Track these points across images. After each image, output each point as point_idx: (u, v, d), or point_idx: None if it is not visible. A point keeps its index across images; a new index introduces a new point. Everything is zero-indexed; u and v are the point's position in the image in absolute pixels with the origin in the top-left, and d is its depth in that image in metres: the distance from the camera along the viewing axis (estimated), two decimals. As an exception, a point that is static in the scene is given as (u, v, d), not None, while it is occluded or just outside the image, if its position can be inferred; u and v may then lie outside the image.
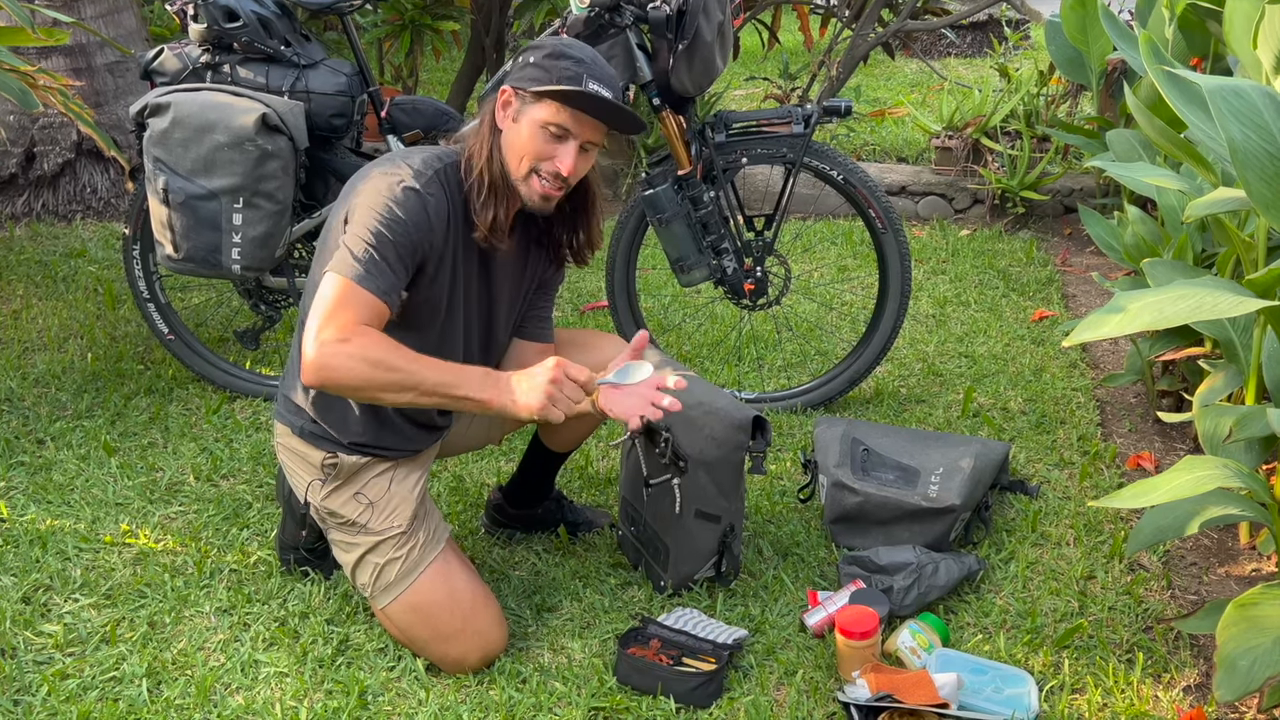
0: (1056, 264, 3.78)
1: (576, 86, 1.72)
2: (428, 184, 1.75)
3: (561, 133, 1.75)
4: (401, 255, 1.73)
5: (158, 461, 2.57)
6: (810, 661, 1.93)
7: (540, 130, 1.75)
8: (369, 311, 1.70)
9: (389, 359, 1.66)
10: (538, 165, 1.76)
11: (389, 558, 1.88)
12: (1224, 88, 1.58)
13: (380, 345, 1.67)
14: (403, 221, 1.72)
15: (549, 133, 1.75)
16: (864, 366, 2.76)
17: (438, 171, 1.78)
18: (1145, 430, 2.72)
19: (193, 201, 2.42)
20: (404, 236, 1.72)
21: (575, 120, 1.74)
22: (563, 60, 1.74)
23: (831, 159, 2.59)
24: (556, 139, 1.75)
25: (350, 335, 1.66)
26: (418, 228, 1.73)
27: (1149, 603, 2.07)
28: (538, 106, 1.74)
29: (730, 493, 2.05)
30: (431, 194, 1.75)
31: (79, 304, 3.40)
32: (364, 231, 1.71)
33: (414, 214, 1.73)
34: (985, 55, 6.57)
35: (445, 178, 1.79)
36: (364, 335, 1.67)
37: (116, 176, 4.16)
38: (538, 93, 1.73)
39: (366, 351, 1.65)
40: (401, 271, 1.74)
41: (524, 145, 1.76)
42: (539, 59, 1.75)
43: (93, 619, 2.04)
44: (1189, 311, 1.49)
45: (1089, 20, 3.57)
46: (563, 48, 1.76)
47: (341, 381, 1.67)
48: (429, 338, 1.84)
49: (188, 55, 2.52)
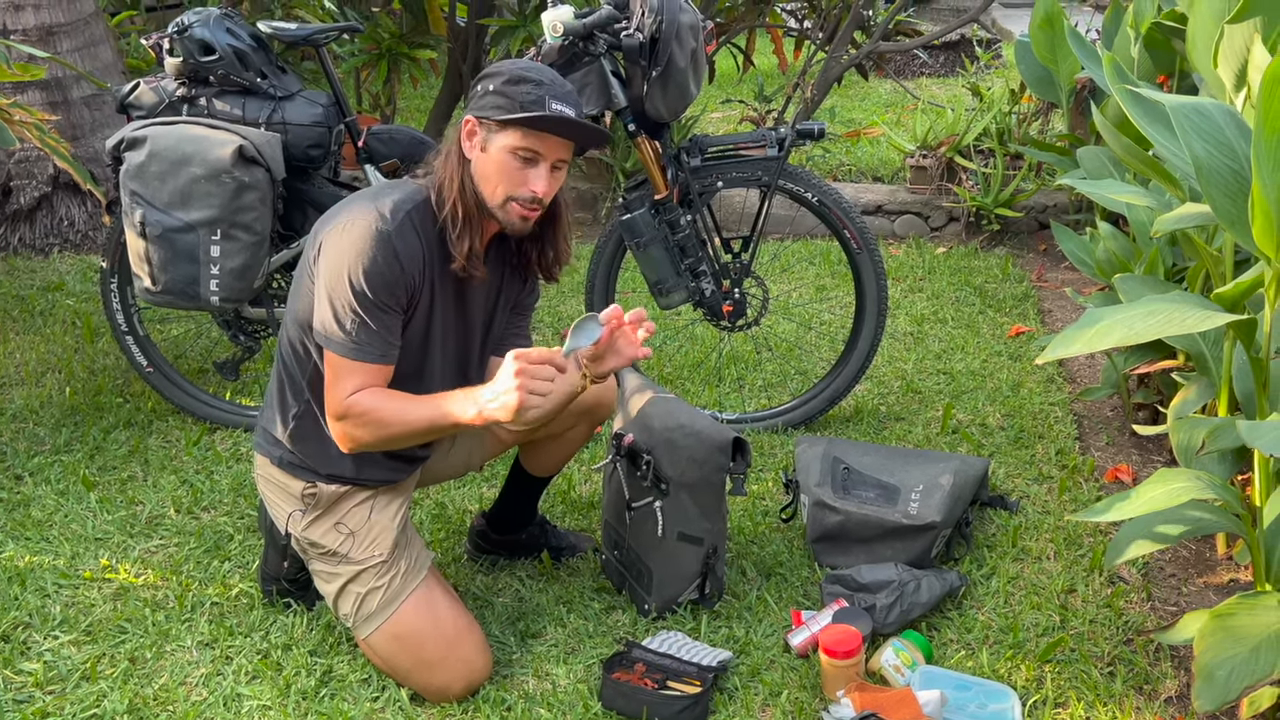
0: (1032, 280, 3.82)
1: (541, 111, 1.73)
2: (399, 229, 1.76)
3: (531, 156, 1.76)
4: (387, 306, 1.76)
5: (138, 495, 2.55)
6: (795, 682, 1.93)
7: (510, 156, 1.76)
8: (368, 378, 1.78)
9: (382, 419, 1.77)
10: (513, 191, 1.78)
11: (370, 587, 1.88)
12: (1187, 106, 1.61)
13: (370, 411, 1.77)
14: (382, 275, 1.73)
15: (519, 158, 1.76)
16: (843, 385, 2.78)
17: (408, 214, 1.78)
18: (1122, 443, 2.74)
19: (170, 234, 2.42)
20: (385, 289, 1.74)
21: (543, 142, 1.76)
22: (522, 85, 1.75)
23: (806, 181, 2.61)
24: (527, 163, 1.76)
25: (344, 412, 1.78)
26: (395, 279, 1.75)
27: (1129, 615, 2.09)
28: (504, 134, 1.75)
29: (712, 514, 2.06)
30: (403, 239, 1.76)
31: (56, 338, 3.38)
32: (347, 295, 1.73)
33: (388, 264, 1.74)
34: (958, 75, 6.65)
35: (416, 218, 1.79)
36: (356, 406, 1.77)
37: (93, 210, 4.15)
38: (503, 121, 1.74)
39: (362, 419, 1.77)
40: (394, 323, 1.78)
41: (496, 173, 1.77)
42: (499, 86, 1.75)
43: (73, 656, 2.02)
44: (1158, 327, 1.52)
45: (1057, 40, 3.63)
46: (520, 71, 1.77)
47: (362, 444, 1.81)
48: (407, 371, 1.85)
49: (164, 89, 2.53)
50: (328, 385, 1.79)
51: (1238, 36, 1.85)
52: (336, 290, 1.74)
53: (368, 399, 1.77)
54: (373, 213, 1.75)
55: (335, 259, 1.74)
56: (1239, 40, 1.85)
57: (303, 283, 1.82)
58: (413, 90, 6.26)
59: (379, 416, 1.77)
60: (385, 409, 1.77)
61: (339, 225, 1.77)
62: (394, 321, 1.78)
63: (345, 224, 1.76)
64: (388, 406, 1.77)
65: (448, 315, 1.89)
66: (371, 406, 1.77)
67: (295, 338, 1.86)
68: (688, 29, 2.40)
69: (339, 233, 1.76)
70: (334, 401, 1.78)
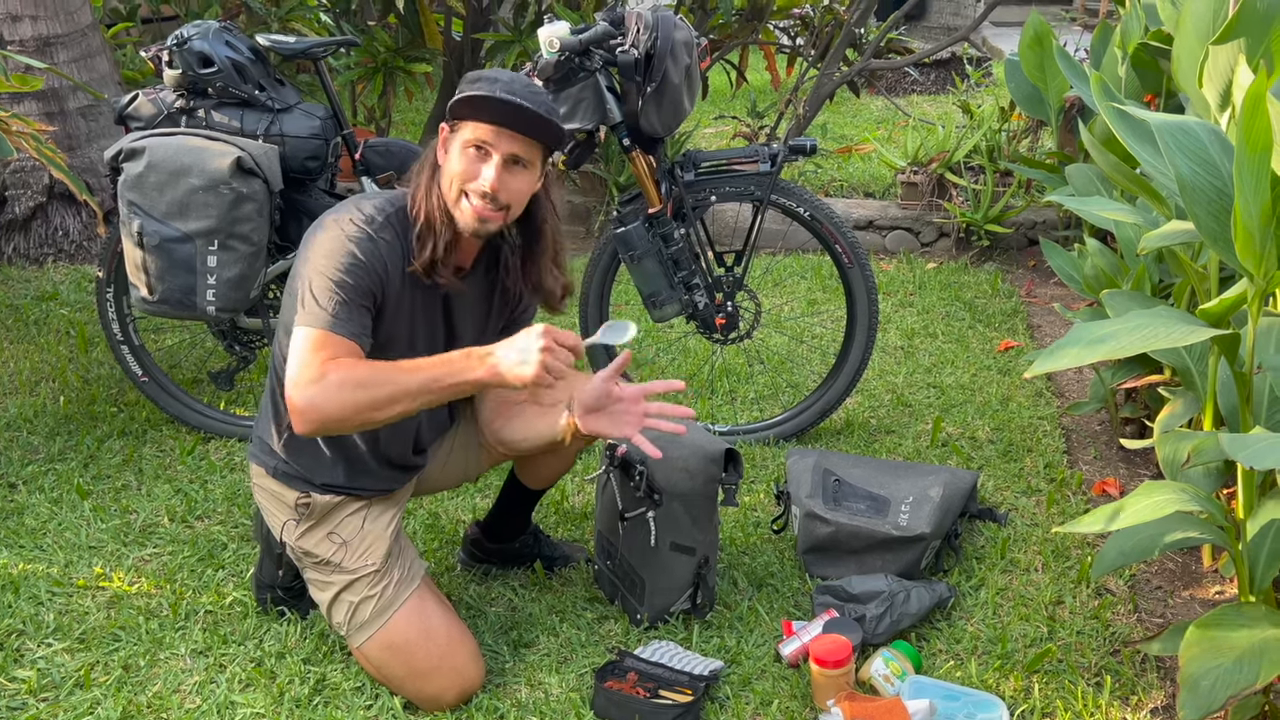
0: (1021, 295, 3.85)
1: (484, 92, 1.73)
2: (379, 228, 1.79)
3: (482, 146, 1.76)
4: (364, 296, 1.77)
5: (132, 504, 2.56)
6: (786, 691, 1.95)
7: (464, 152, 1.77)
8: (343, 352, 1.73)
9: (367, 377, 1.68)
10: (465, 186, 1.77)
11: (363, 596, 1.89)
12: (1171, 125, 1.64)
13: (354, 368, 1.69)
14: (360, 264, 1.75)
15: (471, 153, 1.77)
16: (834, 398, 2.80)
17: (389, 216, 1.81)
18: (1110, 457, 2.77)
19: (168, 244, 2.44)
20: (363, 278, 1.76)
21: (494, 134, 1.75)
22: (479, 81, 1.77)
23: (798, 196, 2.64)
24: (480, 157, 1.77)
25: (324, 372, 1.68)
26: (372, 269, 1.77)
27: (1116, 626, 2.11)
28: (461, 130, 1.77)
29: (704, 525, 2.08)
30: (384, 237, 1.79)
31: (51, 347, 3.39)
32: (326, 280, 1.74)
33: (368, 255, 1.76)
34: (948, 92, 6.70)
35: (397, 220, 1.82)
36: (337, 366, 1.69)
37: (88, 219, 4.16)
38: (455, 113, 1.76)
39: (343, 378, 1.67)
40: (366, 313, 1.78)
41: (451, 170, 1.79)
42: (463, 86, 1.77)
43: (66, 663, 2.02)
44: (1144, 341, 1.54)
45: (1046, 59, 3.67)
46: (483, 73, 1.80)
47: (330, 415, 1.68)
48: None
49: (162, 100, 2.55)
50: (298, 359, 1.70)
51: (1222, 57, 1.88)
52: (316, 273, 1.75)
53: (348, 360, 1.70)
54: (356, 213, 1.80)
55: (315, 248, 1.77)
56: (1223, 60, 1.88)
57: (292, 296, 1.83)
58: (408, 104, 6.28)
59: (361, 376, 1.67)
60: (374, 367, 1.69)
61: (323, 225, 1.80)
62: (366, 313, 1.78)
63: (329, 220, 1.80)
64: (377, 366, 1.70)
65: (434, 326, 1.91)
66: (357, 364, 1.69)
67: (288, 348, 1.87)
68: (682, 46, 2.43)
69: (322, 230, 1.79)
70: (308, 368, 1.68)
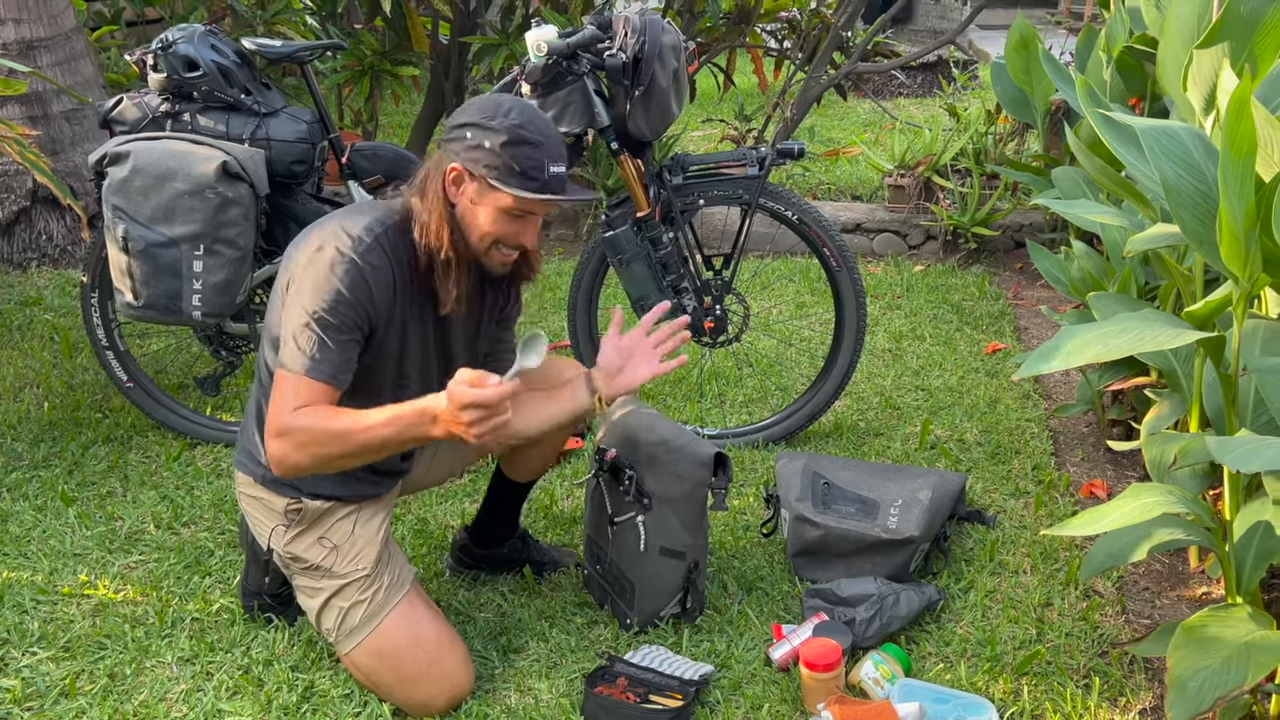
0: (1008, 298, 3.86)
1: (542, 179, 1.74)
2: (367, 251, 1.75)
3: (524, 214, 1.78)
4: (348, 330, 1.75)
5: (117, 510, 2.54)
6: (776, 695, 1.94)
7: (503, 214, 1.77)
8: (315, 397, 1.72)
9: (329, 435, 1.70)
10: (502, 241, 1.80)
11: (354, 601, 1.88)
12: (1156, 129, 1.65)
13: (319, 425, 1.69)
14: (345, 299, 1.73)
15: (512, 215, 1.77)
16: (823, 401, 2.81)
17: (378, 238, 1.77)
18: (1097, 459, 2.78)
19: (153, 249, 2.42)
20: (348, 313, 1.74)
21: (540, 204, 1.77)
22: (522, 148, 1.73)
23: (786, 200, 2.65)
24: (519, 218, 1.79)
25: (286, 428, 1.70)
26: (358, 303, 1.75)
27: (1104, 628, 2.11)
28: (499, 194, 1.75)
29: (694, 529, 2.08)
30: (371, 262, 1.75)
31: (35, 353, 3.36)
32: (306, 318, 1.72)
33: (355, 288, 1.73)
34: (935, 95, 6.73)
35: (387, 242, 1.79)
36: (298, 421, 1.70)
37: (72, 224, 4.14)
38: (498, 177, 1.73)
39: (307, 437, 1.70)
40: (351, 345, 1.76)
41: (487, 227, 1.78)
42: (495, 146, 1.72)
43: (51, 672, 2.01)
44: (1130, 344, 1.55)
45: (1032, 62, 3.69)
46: (519, 130, 1.73)
47: (300, 466, 1.73)
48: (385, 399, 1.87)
49: (147, 104, 2.54)
50: (273, 405, 1.74)
51: (1206, 61, 1.89)
52: (299, 308, 1.73)
53: (308, 416, 1.70)
54: (342, 235, 1.75)
55: (302, 278, 1.74)
56: (1208, 65, 1.89)
57: (276, 306, 1.82)
58: (395, 107, 6.27)
59: (322, 432, 1.69)
60: (336, 422, 1.69)
61: (309, 247, 1.77)
62: (351, 346, 1.76)
63: (315, 246, 1.76)
64: (338, 420, 1.69)
65: (427, 341, 1.90)
66: (317, 420, 1.69)
67: (271, 361, 1.87)
68: (670, 49, 2.43)
69: (309, 255, 1.76)
70: (275, 417, 1.72)
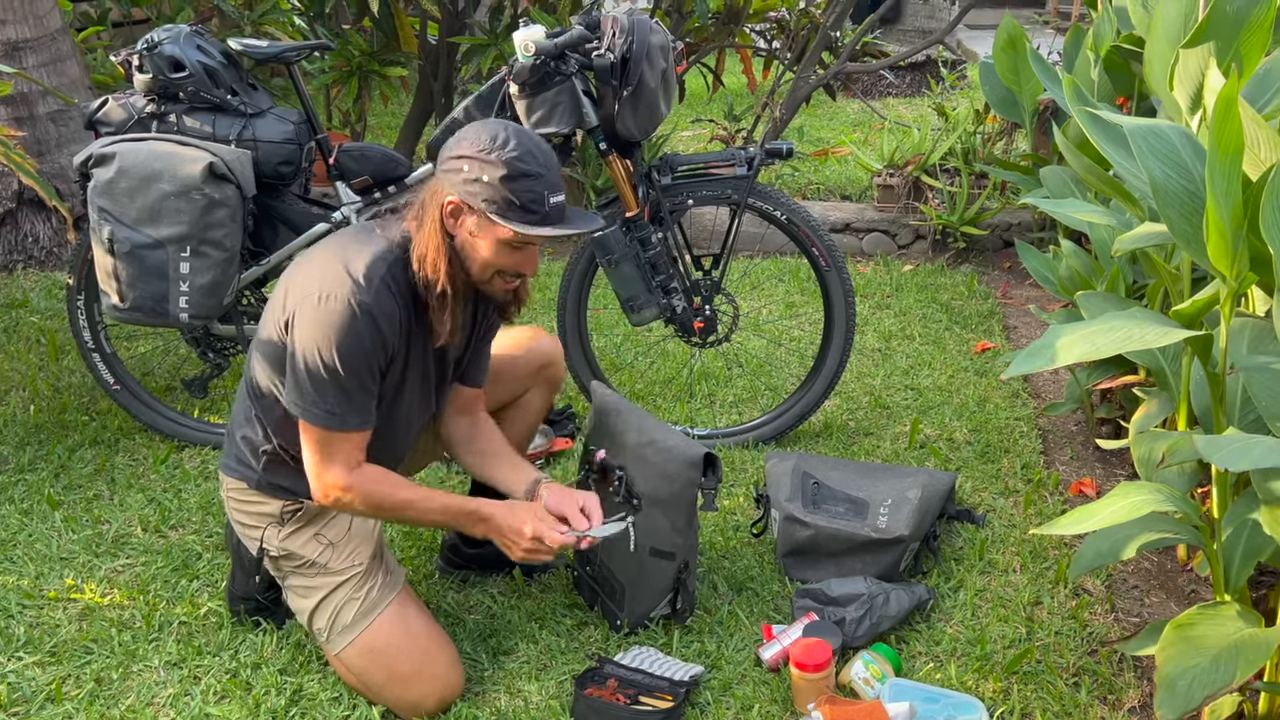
0: (997, 297, 3.87)
1: (541, 210, 1.73)
2: (376, 296, 1.73)
3: (525, 245, 1.78)
4: (368, 374, 1.76)
5: (104, 514, 2.52)
6: (766, 695, 1.94)
7: (504, 246, 1.76)
8: (354, 446, 1.79)
9: (387, 504, 1.83)
10: (503, 270, 1.80)
11: (347, 599, 1.88)
12: (1144, 128, 1.65)
13: (378, 493, 1.82)
14: (360, 348, 1.73)
15: (513, 247, 1.77)
16: (813, 401, 2.81)
17: (382, 278, 1.75)
18: (1086, 457, 2.79)
19: (139, 251, 2.41)
20: (363, 360, 1.74)
21: (539, 236, 1.76)
22: (521, 182, 1.71)
23: (775, 200, 2.65)
24: (519, 249, 1.78)
25: (350, 485, 1.80)
26: (373, 348, 1.75)
27: (1094, 626, 2.12)
28: (499, 228, 1.74)
29: (684, 529, 2.07)
30: (381, 306, 1.74)
31: (21, 355, 3.34)
32: (327, 372, 1.72)
33: (369, 335, 1.73)
34: (923, 95, 6.74)
35: (391, 281, 1.77)
36: (361, 483, 1.80)
37: (58, 226, 4.11)
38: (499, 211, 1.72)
39: (368, 500, 1.82)
40: (371, 385, 1.79)
41: (487, 260, 1.78)
42: (494, 180, 1.70)
43: (37, 677, 1.99)
44: (1119, 342, 1.55)
45: (1020, 62, 3.70)
46: (518, 163, 1.71)
47: (354, 513, 1.86)
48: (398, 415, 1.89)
49: (133, 105, 2.52)
50: (314, 460, 1.79)
51: (1193, 60, 1.90)
52: (315, 365, 1.72)
53: (376, 480, 1.81)
54: (349, 282, 1.72)
55: (313, 332, 1.72)
56: (1194, 64, 1.90)
57: (270, 329, 1.80)
58: (383, 108, 6.26)
59: (383, 502, 1.82)
60: (395, 496, 1.83)
61: (315, 295, 1.72)
62: (373, 387, 1.79)
63: (321, 295, 1.72)
64: (398, 494, 1.83)
65: (426, 364, 1.90)
66: (381, 488, 1.82)
67: (265, 383, 1.85)
68: (658, 49, 2.43)
69: (315, 304, 1.72)
70: (330, 477, 1.79)
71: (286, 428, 1.85)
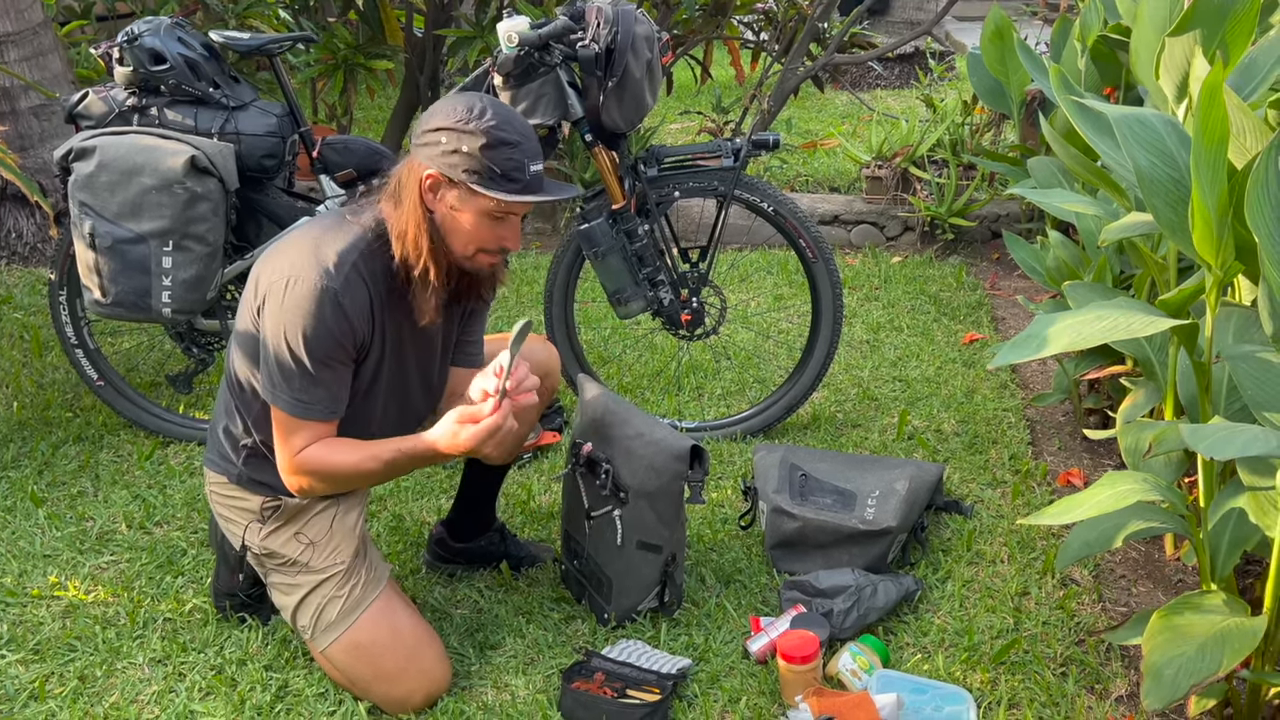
0: (986, 288, 3.87)
1: (523, 179, 1.72)
2: (345, 284, 1.72)
3: (507, 215, 1.76)
4: (336, 363, 1.75)
5: (88, 511, 2.51)
6: (754, 688, 1.94)
7: (486, 218, 1.75)
8: (317, 433, 1.78)
9: (340, 473, 1.81)
10: (485, 245, 1.78)
11: (330, 596, 1.86)
12: (1129, 117, 1.65)
13: (326, 465, 1.79)
14: (329, 335, 1.72)
15: (495, 218, 1.75)
16: (801, 393, 2.80)
17: (354, 265, 1.74)
18: (1074, 448, 2.79)
19: (120, 245, 2.39)
20: (333, 348, 1.74)
21: (521, 204, 1.75)
22: (501, 150, 1.69)
23: (762, 191, 2.64)
24: (501, 220, 1.76)
25: (295, 468, 1.79)
26: (343, 336, 1.74)
27: (1081, 616, 2.12)
28: (483, 199, 1.72)
29: (671, 522, 2.07)
30: (349, 293, 1.72)
31: (3, 352, 3.31)
32: (293, 358, 1.72)
33: (337, 323, 1.72)
34: (911, 86, 6.74)
35: (363, 267, 1.75)
36: (307, 462, 1.79)
37: (41, 221, 4.08)
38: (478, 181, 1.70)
39: (320, 475, 1.81)
40: (344, 375, 1.78)
41: (470, 234, 1.76)
42: (474, 150, 1.68)
43: (20, 675, 1.98)
44: (1105, 332, 1.55)
45: (1007, 53, 3.69)
46: (496, 131, 1.69)
47: (316, 493, 1.86)
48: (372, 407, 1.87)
49: (113, 98, 2.50)
50: (277, 440, 1.80)
51: (1178, 49, 1.89)
52: (282, 350, 1.72)
53: (318, 452, 1.79)
54: (317, 269, 1.71)
55: (281, 317, 1.71)
56: (1179, 52, 1.90)
57: (245, 319, 1.79)
58: (369, 101, 6.22)
59: (334, 472, 1.80)
60: (345, 457, 1.79)
61: (283, 281, 1.71)
62: (344, 373, 1.78)
63: (289, 280, 1.71)
64: (345, 455, 1.80)
65: (404, 350, 1.89)
66: (328, 458, 1.79)
67: (243, 375, 1.84)
68: (643, 40, 2.41)
69: (283, 290, 1.71)
70: (284, 458, 1.80)
71: (265, 422, 1.84)
